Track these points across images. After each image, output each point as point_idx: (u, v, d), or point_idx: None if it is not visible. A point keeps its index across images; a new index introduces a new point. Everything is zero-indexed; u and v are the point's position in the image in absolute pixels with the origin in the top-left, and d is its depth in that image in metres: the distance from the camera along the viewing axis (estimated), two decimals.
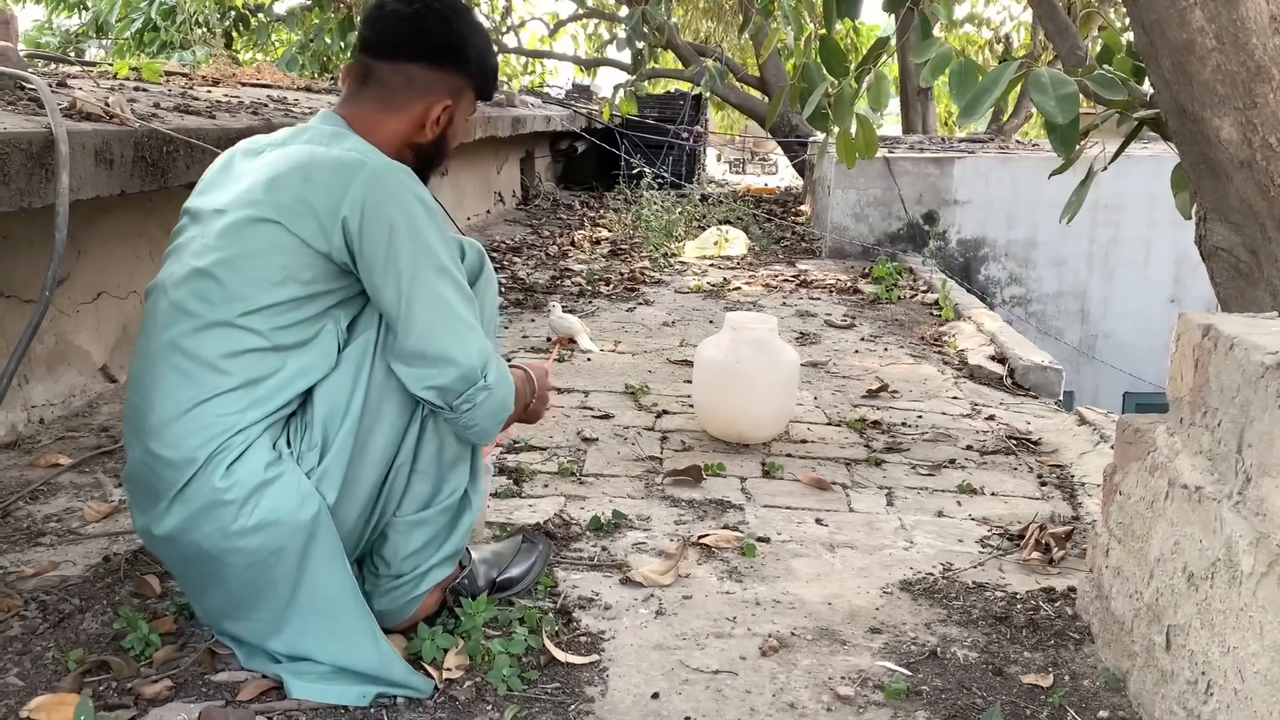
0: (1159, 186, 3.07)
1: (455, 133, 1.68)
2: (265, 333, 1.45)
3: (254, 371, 1.45)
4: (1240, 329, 1.37)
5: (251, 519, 1.42)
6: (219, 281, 1.46)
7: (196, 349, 1.45)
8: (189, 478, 1.43)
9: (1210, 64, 1.72)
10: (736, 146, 17.13)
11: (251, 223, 1.46)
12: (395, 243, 1.45)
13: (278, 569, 1.45)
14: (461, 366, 1.46)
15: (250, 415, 1.44)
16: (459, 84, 1.65)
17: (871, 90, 2.89)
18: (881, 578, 2.00)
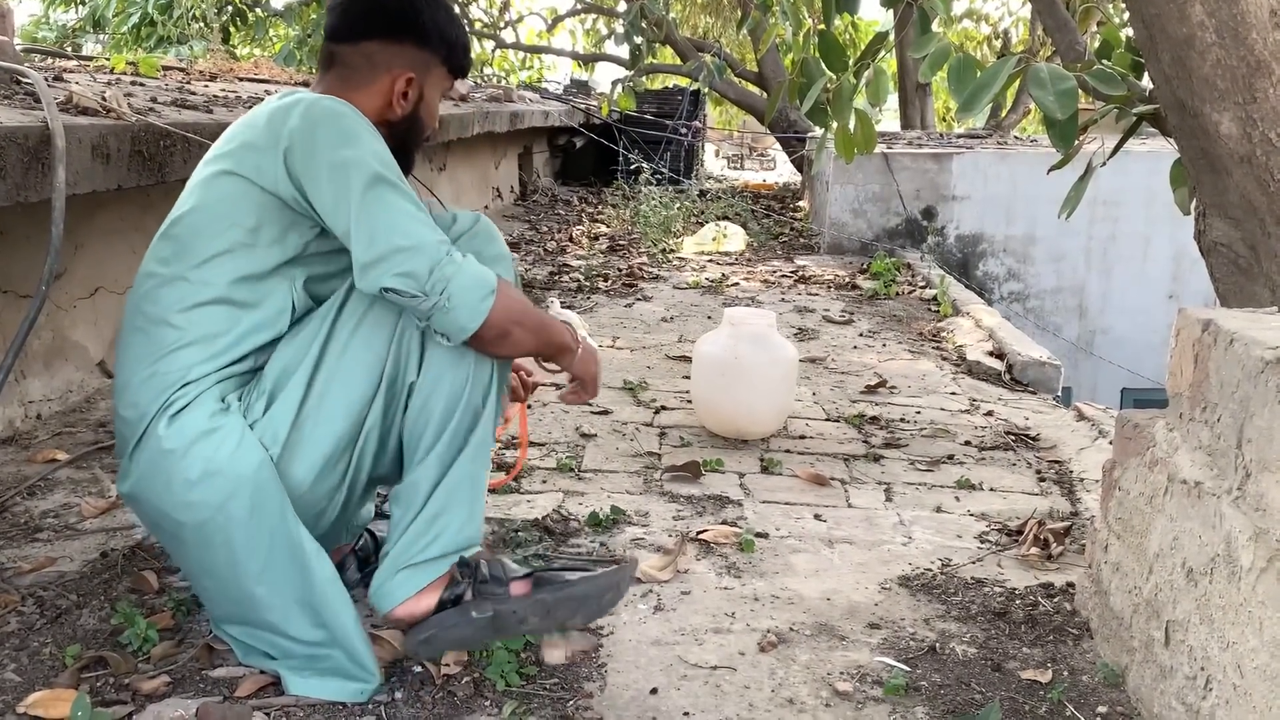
0: (1157, 182, 3.07)
1: (429, 109, 1.68)
2: (218, 285, 1.47)
3: (208, 327, 1.47)
4: (1240, 324, 1.37)
5: (193, 470, 1.42)
6: (175, 239, 1.50)
7: (153, 307, 1.49)
8: (141, 432, 1.46)
9: (1210, 59, 1.71)
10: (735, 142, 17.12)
11: (205, 179, 1.52)
12: (335, 161, 1.44)
13: (230, 529, 1.42)
14: (420, 247, 1.41)
15: (201, 369, 1.46)
16: (422, 57, 1.64)
17: (870, 86, 2.89)
18: (880, 573, 2.00)
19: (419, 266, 1.40)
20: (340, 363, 1.48)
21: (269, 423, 1.45)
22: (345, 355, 1.48)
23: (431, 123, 1.70)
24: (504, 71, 14.03)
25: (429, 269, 1.41)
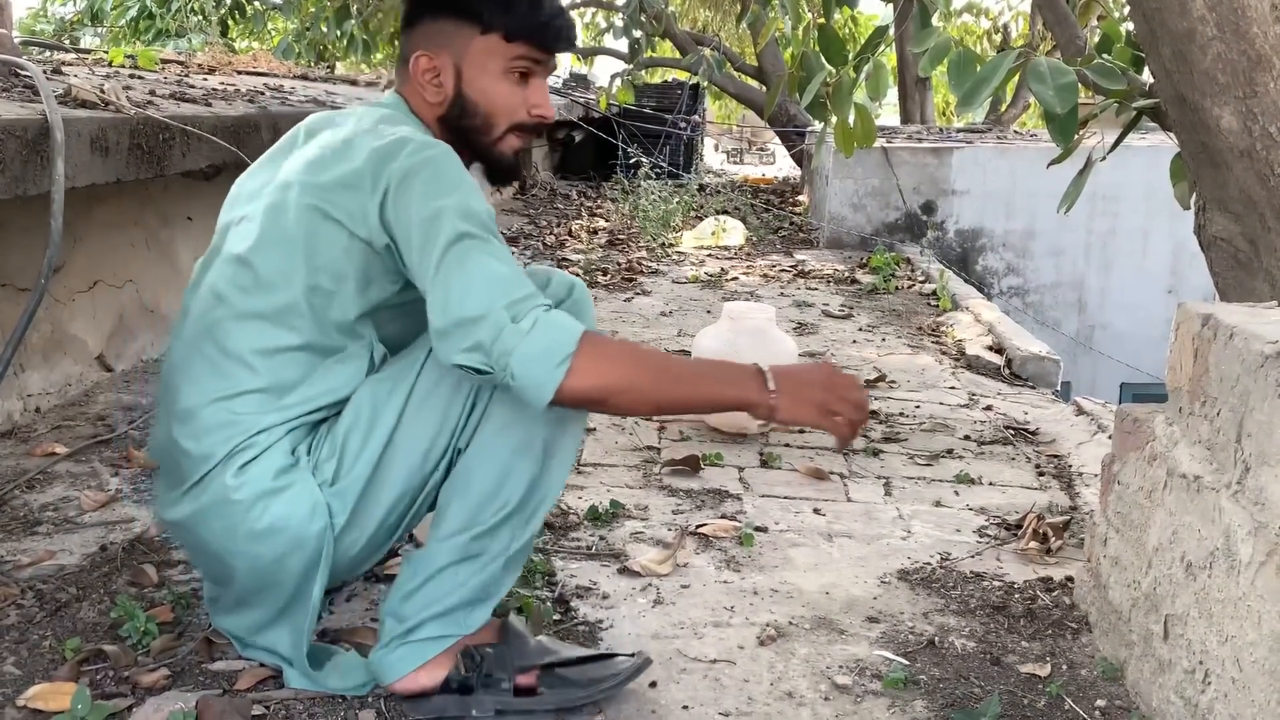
0: (1157, 177, 3.07)
1: (481, 90, 1.46)
2: (300, 332, 1.38)
3: (286, 374, 1.39)
4: (1240, 318, 1.37)
5: (259, 524, 1.37)
6: (253, 268, 1.39)
7: (227, 340, 1.39)
8: (205, 472, 1.38)
9: (1211, 52, 1.71)
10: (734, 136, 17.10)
11: (290, 207, 1.39)
12: (426, 215, 1.30)
13: (280, 575, 1.40)
14: (486, 316, 1.25)
15: (273, 418, 1.38)
16: (451, 29, 1.46)
17: (870, 80, 2.88)
18: (879, 567, 2.00)
19: (484, 338, 1.26)
20: (414, 429, 1.39)
21: (339, 494, 1.38)
22: (419, 420, 1.39)
23: (491, 106, 1.47)
24: None
25: (492, 340, 1.25)
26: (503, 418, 1.38)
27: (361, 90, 5.08)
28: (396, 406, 1.39)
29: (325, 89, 4.58)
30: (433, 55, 1.46)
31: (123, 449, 2.40)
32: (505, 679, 1.43)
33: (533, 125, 1.51)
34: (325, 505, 1.38)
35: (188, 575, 1.82)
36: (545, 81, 1.53)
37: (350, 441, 1.38)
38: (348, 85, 5.23)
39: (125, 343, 3.01)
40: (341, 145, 1.40)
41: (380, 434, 1.38)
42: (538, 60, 1.49)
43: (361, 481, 1.38)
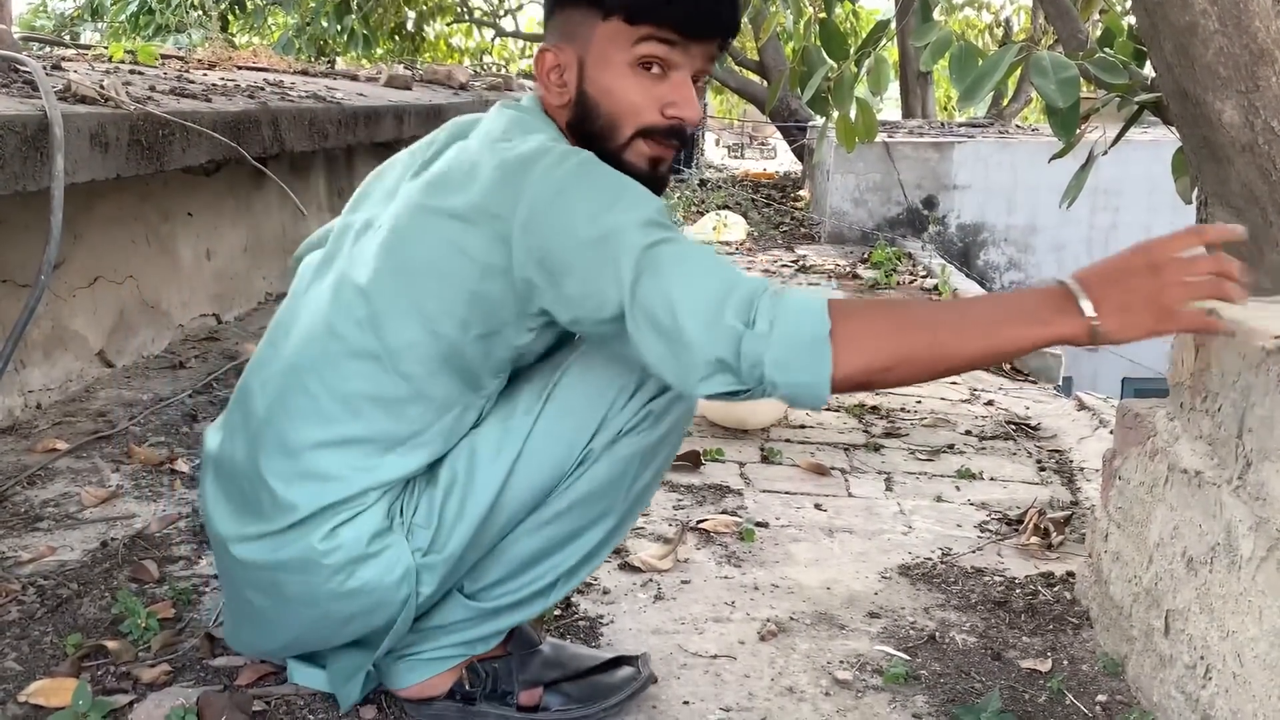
0: (1159, 171, 3.07)
1: (603, 88, 1.25)
2: (418, 380, 1.24)
3: (394, 427, 1.25)
4: (1241, 313, 1.36)
5: (345, 586, 1.26)
6: (371, 303, 1.23)
7: (338, 380, 1.24)
8: (289, 524, 1.25)
9: (1213, 47, 1.71)
10: (735, 131, 17.08)
11: (413, 236, 1.22)
12: (592, 237, 1.12)
13: (349, 628, 1.33)
14: (716, 330, 1.07)
15: (376, 476, 1.26)
16: (576, 18, 1.26)
17: (871, 74, 2.87)
18: (880, 562, 2.00)
19: (725, 356, 1.07)
20: (515, 498, 1.29)
21: (430, 566, 1.28)
22: (522, 488, 1.28)
23: (613, 106, 1.25)
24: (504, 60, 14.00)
25: (734, 357, 1.07)
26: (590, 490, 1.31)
27: (363, 85, 5.06)
28: (501, 471, 1.27)
29: (326, 84, 4.58)
30: (558, 50, 1.27)
31: (124, 445, 2.40)
32: (511, 692, 1.43)
33: (666, 129, 1.26)
34: (415, 573, 1.28)
35: (189, 571, 1.82)
36: (688, 76, 1.28)
37: (448, 509, 1.27)
38: (348, 80, 5.22)
39: (126, 339, 3.01)
40: (468, 163, 1.22)
41: (481, 503, 1.27)
42: (672, 44, 1.23)
43: (456, 557, 1.29)
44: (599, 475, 1.30)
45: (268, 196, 3.78)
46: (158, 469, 2.28)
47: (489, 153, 1.21)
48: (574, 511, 1.31)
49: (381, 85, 5.33)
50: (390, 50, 10.96)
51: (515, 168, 1.17)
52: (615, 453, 1.30)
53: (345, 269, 1.28)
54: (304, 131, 3.39)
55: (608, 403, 1.28)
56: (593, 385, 1.29)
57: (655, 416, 1.31)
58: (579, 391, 1.28)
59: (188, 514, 2.04)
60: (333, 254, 1.34)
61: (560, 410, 1.28)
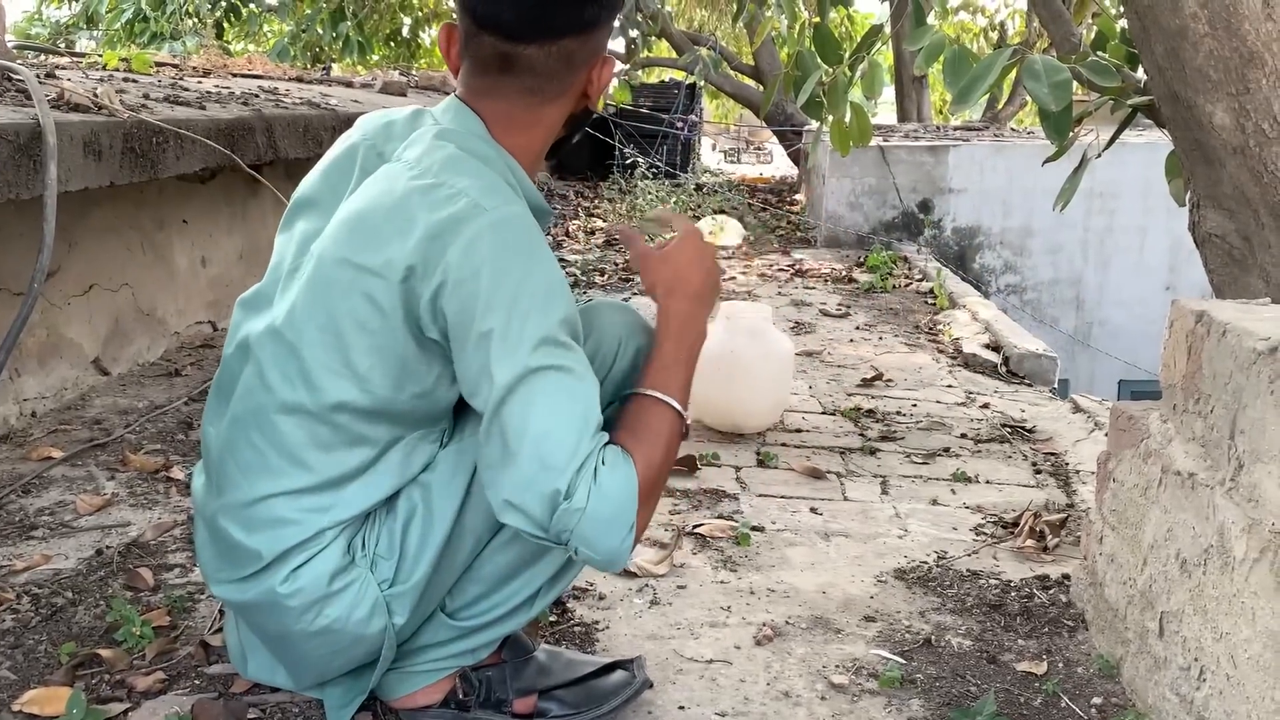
0: (1154, 173, 3.07)
1: (610, 73, 1.36)
2: (354, 429, 1.24)
3: (340, 469, 1.25)
4: (1233, 315, 1.37)
5: (315, 625, 1.27)
6: (299, 357, 1.23)
7: (275, 433, 1.24)
8: (253, 570, 1.26)
9: (1203, 50, 1.71)
10: (731, 135, 17.09)
11: (333, 287, 1.21)
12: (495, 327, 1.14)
13: (336, 661, 1.33)
14: (539, 487, 1.12)
15: (329, 517, 1.25)
16: (611, 24, 1.33)
17: (865, 78, 2.88)
18: (876, 566, 2.00)
19: (537, 512, 1.13)
20: (475, 520, 1.29)
21: (399, 595, 1.28)
22: (481, 510, 1.28)
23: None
24: None
25: (547, 516, 1.13)
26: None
27: (357, 92, 5.07)
28: (457, 495, 1.28)
29: (320, 91, 4.58)
30: (608, 59, 1.32)
31: (119, 453, 2.40)
32: (505, 700, 1.43)
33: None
34: (385, 605, 1.28)
35: (184, 579, 1.82)
36: None
37: (409, 538, 1.27)
38: (343, 87, 5.22)
39: (121, 346, 3.00)
40: (389, 208, 1.20)
41: (440, 529, 1.27)
42: None
43: (423, 583, 1.29)
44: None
45: (263, 203, 3.78)
46: (153, 476, 2.28)
47: (414, 201, 1.19)
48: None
49: (376, 91, 5.34)
50: (385, 56, 10.97)
51: (438, 231, 1.16)
52: None
53: (275, 317, 1.26)
54: (298, 138, 3.40)
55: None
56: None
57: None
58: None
59: (183, 521, 2.04)
60: (268, 293, 1.31)
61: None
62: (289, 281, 1.28)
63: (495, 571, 1.34)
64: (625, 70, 7.90)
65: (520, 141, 1.29)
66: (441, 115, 1.29)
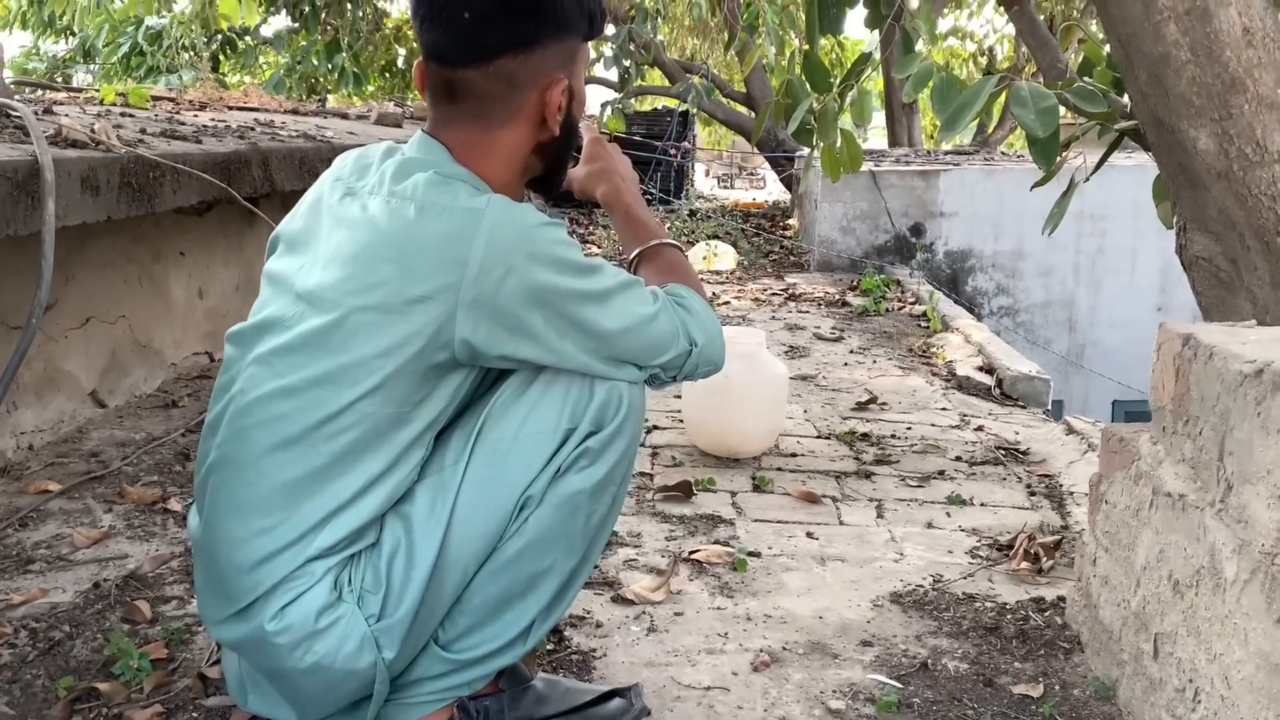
0: (1143, 196, 3.11)
1: (581, 101, 1.37)
2: (343, 452, 1.25)
3: (328, 500, 1.26)
4: (1219, 338, 1.38)
5: (304, 662, 1.27)
6: (300, 398, 1.24)
7: (269, 469, 1.25)
8: (244, 605, 1.27)
9: (1185, 76, 1.74)
10: (724, 162, 17.18)
11: (342, 330, 1.23)
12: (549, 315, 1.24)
13: (332, 696, 1.33)
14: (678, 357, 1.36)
15: (318, 544, 1.26)
16: (566, 48, 1.32)
17: (855, 106, 2.91)
18: (872, 590, 2.00)
19: (674, 360, 1.37)
20: (460, 550, 1.29)
21: (387, 629, 1.28)
22: (466, 540, 1.29)
23: (582, 115, 1.39)
24: None
25: (690, 362, 1.39)
26: (541, 532, 1.32)
27: (353, 123, 5.10)
28: (439, 527, 1.28)
29: (316, 123, 4.61)
30: (564, 80, 1.32)
31: (116, 485, 2.40)
32: None
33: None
34: (374, 639, 1.28)
35: (181, 611, 1.82)
36: None
37: (394, 571, 1.28)
38: (339, 119, 5.26)
39: (118, 378, 3.01)
40: (394, 243, 1.22)
41: (425, 560, 1.28)
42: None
43: (410, 616, 1.28)
44: (546, 517, 1.31)
45: (259, 235, 3.80)
46: (150, 508, 2.28)
47: (410, 231, 1.22)
48: (529, 554, 1.32)
49: (372, 123, 5.37)
50: (381, 88, 11.04)
51: (450, 244, 1.20)
52: (559, 493, 1.31)
53: (268, 353, 1.28)
54: (294, 171, 3.42)
55: (539, 444, 1.30)
56: (520, 429, 1.30)
57: (594, 454, 1.32)
58: (506, 435, 1.30)
59: (180, 553, 2.04)
60: (259, 328, 1.32)
61: (488, 458, 1.29)
62: (286, 324, 1.29)
63: (486, 602, 1.34)
64: (618, 98, 7.96)
65: (481, 169, 1.31)
66: (409, 149, 1.34)
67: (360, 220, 1.26)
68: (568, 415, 1.30)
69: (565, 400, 1.30)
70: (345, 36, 9.51)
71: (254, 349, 1.31)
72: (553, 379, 1.31)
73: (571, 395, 1.31)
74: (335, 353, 1.23)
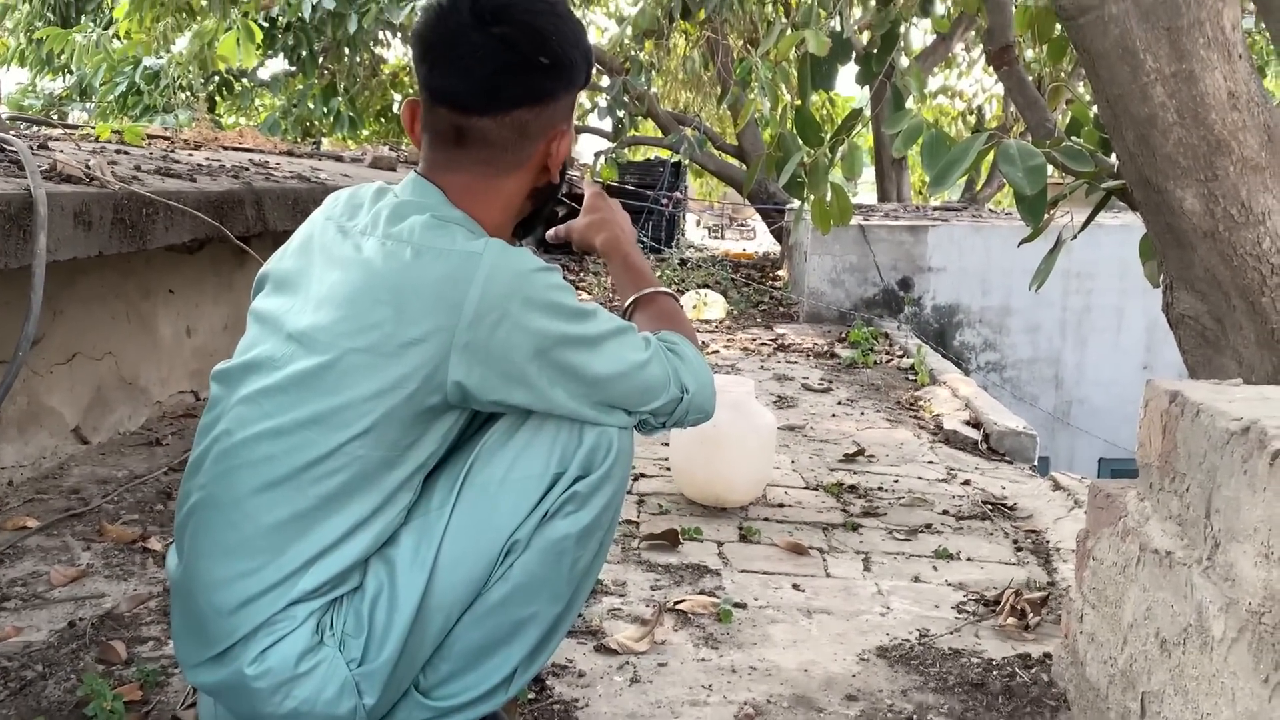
0: (1129, 255, 3.14)
1: (571, 145, 1.41)
2: (330, 494, 1.25)
3: (312, 542, 1.25)
4: (1206, 396, 1.39)
5: (284, 707, 1.26)
6: (288, 439, 1.24)
7: (253, 510, 1.24)
8: (224, 648, 1.26)
9: (1172, 137, 1.76)
10: (715, 212, 17.32)
11: (334, 371, 1.22)
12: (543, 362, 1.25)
13: None
14: (668, 403, 1.36)
15: (301, 587, 1.25)
16: (569, 100, 1.36)
17: (845, 160, 2.95)
18: (858, 644, 1.99)
19: (664, 407, 1.38)
20: (444, 596, 1.28)
21: (368, 675, 1.27)
22: (450, 587, 1.28)
23: (562, 162, 1.40)
24: None
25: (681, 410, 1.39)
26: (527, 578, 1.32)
27: (347, 166, 5.13)
28: (423, 572, 1.27)
29: (310, 165, 4.64)
30: (566, 130, 1.36)
31: (96, 523, 2.37)
32: None
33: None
34: (354, 685, 1.27)
35: (158, 652, 1.79)
36: None
37: (376, 616, 1.27)
38: (333, 161, 5.29)
39: (102, 415, 2.99)
40: (388, 286, 1.22)
41: (407, 605, 1.27)
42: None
43: (392, 661, 1.27)
44: (532, 562, 1.30)
45: (250, 274, 3.79)
46: (130, 547, 2.25)
47: (407, 275, 1.22)
48: (514, 600, 1.31)
49: (366, 166, 5.40)
50: (376, 132, 11.12)
51: (445, 287, 1.21)
52: (545, 538, 1.30)
53: (260, 404, 1.27)
54: (287, 211, 3.43)
55: (526, 489, 1.29)
56: (507, 472, 1.29)
57: (582, 498, 1.32)
58: (493, 479, 1.29)
59: (158, 593, 2.02)
60: (246, 367, 1.31)
61: (474, 501, 1.29)
62: (269, 360, 1.29)
63: (468, 649, 1.33)
64: (612, 148, 8.03)
65: (479, 214, 1.32)
66: (402, 190, 1.34)
67: (355, 261, 1.26)
68: (556, 459, 1.30)
69: (554, 444, 1.30)
70: (342, 81, 9.59)
71: (241, 389, 1.30)
72: (541, 422, 1.30)
73: (560, 439, 1.31)
74: (327, 394, 1.23)
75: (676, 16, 6.41)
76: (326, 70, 9.54)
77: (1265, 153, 1.75)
